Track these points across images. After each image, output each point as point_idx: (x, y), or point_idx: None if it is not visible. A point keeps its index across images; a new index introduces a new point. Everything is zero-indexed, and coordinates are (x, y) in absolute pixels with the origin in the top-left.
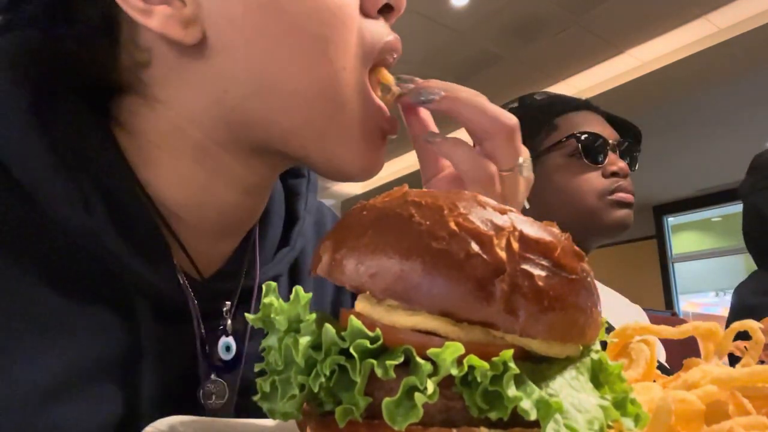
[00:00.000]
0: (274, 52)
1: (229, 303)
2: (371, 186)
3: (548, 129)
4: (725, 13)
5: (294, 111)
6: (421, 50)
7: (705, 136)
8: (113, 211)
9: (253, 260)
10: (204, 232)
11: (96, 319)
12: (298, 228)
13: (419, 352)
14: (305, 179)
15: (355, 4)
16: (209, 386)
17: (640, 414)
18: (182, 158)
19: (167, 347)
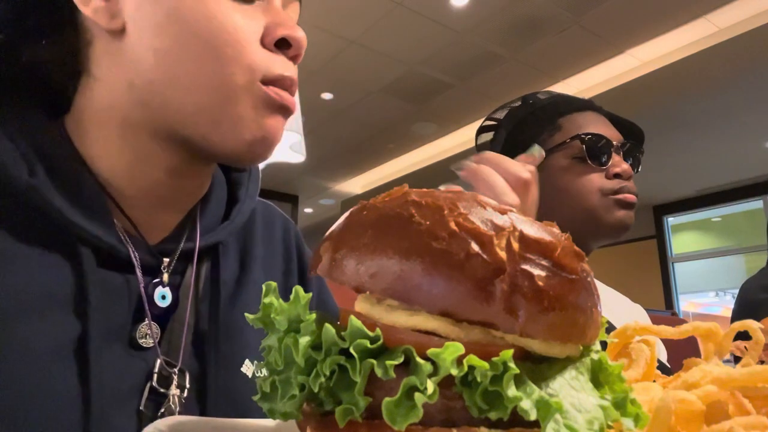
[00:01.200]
0: (174, 51)
1: (167, 260)
2: (371, 186)
3: (551, 130)
4: (725, 13)
5: (188, 101)
6: (421, 50)
7: (705, 136)
8: (54, 173)
9: (194, 230)
10: (142, 202)
11: (47, 259)
12: (238, 207)
13: (419, 352)
14: (247, 173)
15: (252, 32)
16: (143, 327)
17: (640, 414)
18: (110, 135)
19: (111, 290)
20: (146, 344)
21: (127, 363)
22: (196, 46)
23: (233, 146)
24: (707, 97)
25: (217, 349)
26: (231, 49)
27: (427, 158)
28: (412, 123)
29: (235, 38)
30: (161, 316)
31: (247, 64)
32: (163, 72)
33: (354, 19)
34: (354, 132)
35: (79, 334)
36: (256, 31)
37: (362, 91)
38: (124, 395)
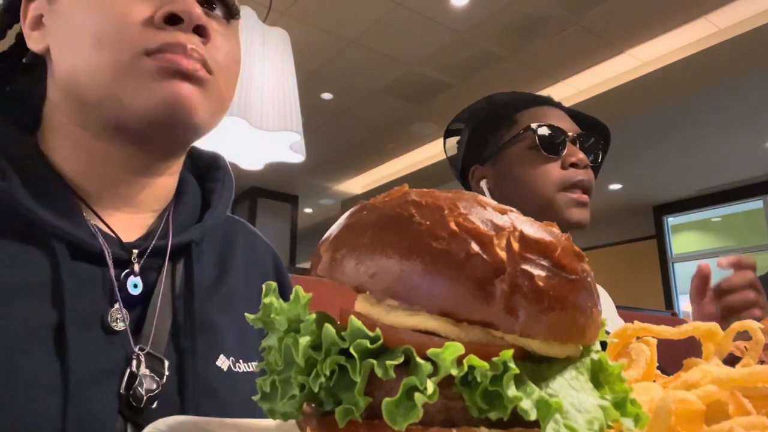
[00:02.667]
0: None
1: (136, 250)
2: (371, 186)
3: (509, 124)
4: (725, 13)
5: (93, 92)
6: (421, 50)
7: (705, 136)
8: (25, 179)
9: (167, 229)
10: (111, 203)
11: (21, 253)
12: (211, 211)
13: (419, 352)
14: (220, 182)
15: (137, 14)
16: (114, 312)
17: (640, 414)
18: (64, 140)
19: (84, 279)
20: (117, 327)
21: (103, 347)
22: (84, 39)
23: (141, 118)
24: (707, 97)
25: (193, 340)
26: (112, 34)
27: (427, 158)
28: (412, 123)
29: (116, 21)
30: (135, 304)
31: (131, 41)
32: (69, 72)
33: (354, 19)
34: (354, 132)
35: (54, 319)
36: (142, 14)
37: (362, 91)
38: (102, 379)
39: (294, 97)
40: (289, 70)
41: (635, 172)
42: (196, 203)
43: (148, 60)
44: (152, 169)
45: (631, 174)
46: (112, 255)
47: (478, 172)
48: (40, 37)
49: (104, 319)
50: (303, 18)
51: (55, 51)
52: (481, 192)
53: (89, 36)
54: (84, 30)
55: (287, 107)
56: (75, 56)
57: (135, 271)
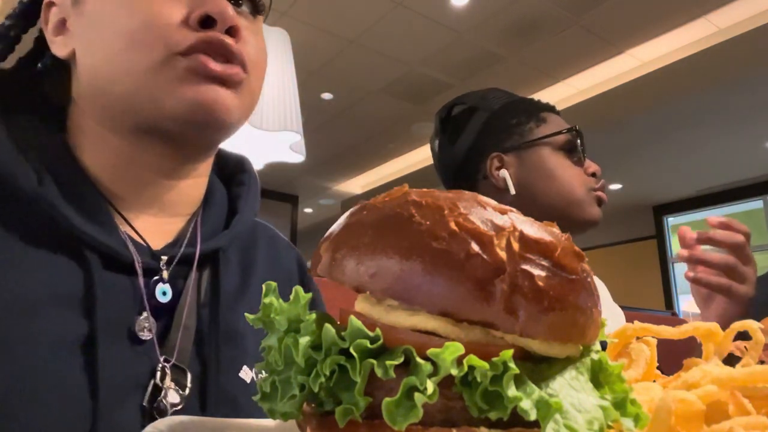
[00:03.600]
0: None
1: (165, 257)
2: (371, 186)
3: (537, 120)
4: (725, 13)
5: (126, 92)
6: (421, 50)
7: (705, 136)
8: (60, 183)
9: (195, 235)
10: (141, 207)
11: (54, 262)
12: (238, 217)
13: (419, 352)
14: (245, 186)
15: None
16: (142, 320)
17: (640, 414)
18: (94, 142)
19: (115, 290)
20: (144, 337)
21: (130, 358)
22: (115, 40)
23: (174, 119)
24: (707, 97)
25: (217, 351)
26: (146, 32)
27: (427, 158)
28: (412, 123)
29: (149, 22)
30: (162, 313)
31: (164, 42)
32: (98, 74)
33: (354, 19)
34: (354, 132)
35: (85, 330)
36: (176, 15)
37: (362, 91)
38: (129, 390)
39: (294, 97)
40: (289, 70)
41: (635, 172)
42: (223, 208)
43: (181, 60)
44: (181, 171)
45: (631, 174)
46: (142, 264)
47: (498, 160)
48: (65, 42)
49: (132, 329)
50: (303, 18)
51: (83, 54)
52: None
53: (121, 37)
54: (115, 31)
55: (287, 107)
56: (105, 58)
57: (164, 278)
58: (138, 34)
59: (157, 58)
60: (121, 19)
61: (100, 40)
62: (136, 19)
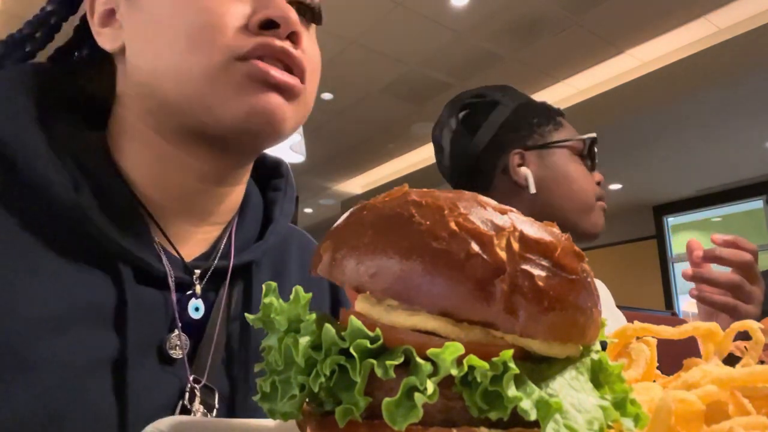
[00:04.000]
0: (158, 51)
1: (198, 271)
2: (371, 186)
3: (555, 124)
4: (725, 13)
5: (179, 94)
6: (421, 50)
7: (705, 136)
8: (97, 191)
9: (229, 247)
10: (177, 214)
11: (87, 274)
12: (272, 227)
13: (419, 352)
14: (281, 192)
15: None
16: (173, 338)
17: (640, 414)
18: (136, 145)
19: (147, 305)
20: (176, 355)
21: (159, 379)
22: (174, 39)
23: (228, 126)
24: (707, 97)
25: (247, 370)
26: (207, 33)
27: (427, 158)
28: (412, 123)
29: (211, 22)
30: (193, 329)
31: (225, 44)
32: (153, 73)
33: (354, 19)
34: (354, 132)
35: (116, 349)
36: (238, 16)
37: (362, 91)
38: (158, 410)
39: None
40: None
41: (635, 172)
42: (258, 216)
43: (239, 65)
44: (223, 177)
45: (631, 174)
46: (175, 279)
47: (520, 157)
48: (114, 35)
49: (163, 347)
50: None
51: (135, 50)
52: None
53: (180, 37)
54: (174, 31)
55: None
56: (161, 57)
57: (197, 293)
58: (199, 36)
59: (217, 62)
60: (182, 18)
61: (157, 38)
62: (199, 20)
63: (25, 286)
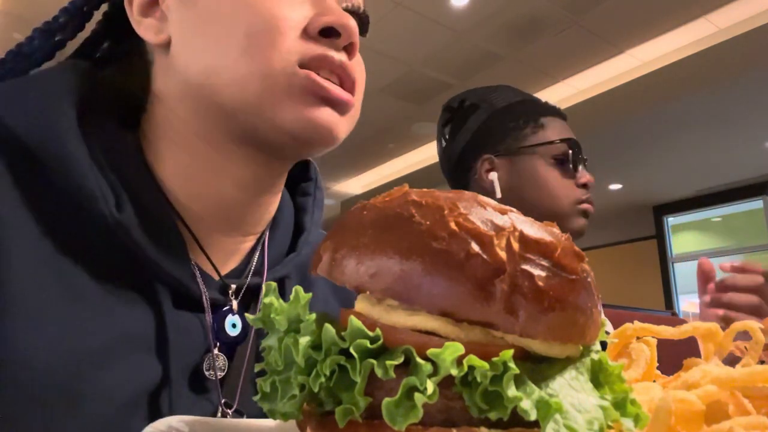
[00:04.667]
0: (213, 49)
1: (234, 286)
2: (371, 186)
3: (534, 126)
4: (725, 13)
5: (232, 96)
6: (421, 50)
7: (705, 136)
8: (139, 209)
9: (263, 261)
10: (213, 225)
11: (127, 299)
12: (304, 237)
13: (419, 352)
14: (311, 197)
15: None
16: (209, 360)
17: (640, 414)
18: (176, 149)
19: (185, 330)
20: (211, 376)
21: (195, 405)
22: (233, 39)
23: (284, 133)
24: (707, 97)
25: None
26: (268, 37)
27: (427, 158)
28: (412, 123)
29: (272, 25)
30: (230, 347)
31: (285, 49)
32: (206, 73)
33: None
34: (354, 132)
35: (157, 376)
36: (298, 21)
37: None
38: None
39: None
40: None
41: (635, 172)
42: (290, 226)
43: (298, 71)
44: (263, 186)
45: (631, 174)
46: (210, 298)
47: (489, 163)
48: (158, 27)
49: (199, 368)
50: None
51: (184, 47)
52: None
53: (239, 37)
54: (233, 30)
55: None
56: (216, 56)
57: (233, 309)
58: (260, 38)
59: (276, 67)
60: (242, 17)
61: (213, 37)
62: (259, 20)
63: (71, 315)
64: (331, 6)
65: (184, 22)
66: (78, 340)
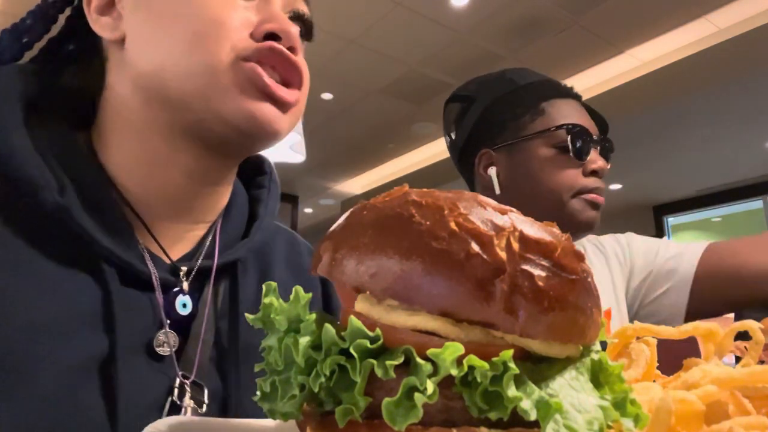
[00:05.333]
0: (163, 44)
1: (184, 268)
2: (371, 186)
3: (534, 113)
4: (725, 13)
5: (181, 89)
6: (421, 50)
7: (705, 136)
8: (82, 192)
9: (214, 246)
10: (163, 213)
11: (73, 277)
12: (257, 224)
13: (419, 352)
14: (266, 189)
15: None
16: (161, 336)
17: (640, 414)
18: (127, 142)
19: (134, 306)
20: (163, 352)
21: (149, 376)
22: (181, 36)
23: (227, 125)
24: (707, 97)
25: (237, 365)
26: (214, 32)
27: (427, 158)
28: (412, 123)
29: (218, 24)
30: (180, 326)
31: (230, 45)
32: (156, 66)
33: (354, 19)
34: (354, 132)
35: (105, 349)
36: (245, 23)
37: (362, 91)
38: (148, 409)
39: None
40: None
41: (635, 172)
42: (243, 214)
43: (243, 65)
44: (212, 177)
45: (631, 174)
46: (160, 278)
47: (487, 158)
48: (114, 24)
49: (151, 345)
50: None
51: (137, 43)
52: (488, 179)
53: (187, 33)
54: (180, 26)
55: None
56: (165, 52)
57: (184, 290)
58: (206, 32)
59: (221, 60)
60: (189, 15)
61: (163, 32)
62: (207, 16)
63: (20, 291)
64: (275, 13)
65: (138, 20)
66: (25, 314)
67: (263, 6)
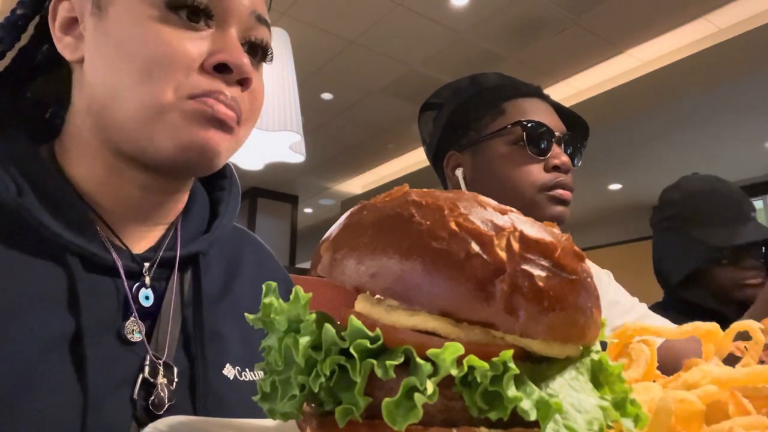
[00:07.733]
0: (115, 75)
1: (147, 264)
2: (371, 186)
3: (494, 113)
4: (725, 13)
5: (127, 119)
6: (421, 50)
7: (705, 136)
8: (40, 193)
9: (175, 240)
10: (123, 216)
11: (37, 265)
12: (218, 221)
13: (419, 352)
14: (226, 191)
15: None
16: (130, 324)
17: (640, 414)
18: (86, 156)
19: (99, 291)
20: (134, 339)
21: (118, 355)
22: (133, 67)
23: (167, 155)
24: (707, 97)
25: (203, 349)
26: (162, 70)
27: (426, 158)
28: (412, 123)
29: (168, 59)
30: (146, 314)
31: (176, 83)
32: (106, 94)
33: (354, 19)
34: (354, 132)
35: (72, 329)
36: (196, 56)
37: (362, 91)
38: (118, 385)
39: (294, 97)
40: (289, 70)
41: (635, 172)
42: (204, 213)
43: (188, 102)
44: (169, 190)
45: (631, 174)
46: (124, 267)
47: (454, 159)
48: (75, 45)
49: (120, 331)
50: (303, 18)
51: (94, 68)
52: (456, 180)
53: (138, 65)
54: (134, 57)
55: (287, 107)
56: (117, 79)
57: (146, 283)
58: (155, 69)
59: (168, 97)
60: (144, 47)
61: (117, 62)
62: (159, 51)
63: None
64: (228, 44)
65: (96, 44)
66: None
67: (218, 36)
